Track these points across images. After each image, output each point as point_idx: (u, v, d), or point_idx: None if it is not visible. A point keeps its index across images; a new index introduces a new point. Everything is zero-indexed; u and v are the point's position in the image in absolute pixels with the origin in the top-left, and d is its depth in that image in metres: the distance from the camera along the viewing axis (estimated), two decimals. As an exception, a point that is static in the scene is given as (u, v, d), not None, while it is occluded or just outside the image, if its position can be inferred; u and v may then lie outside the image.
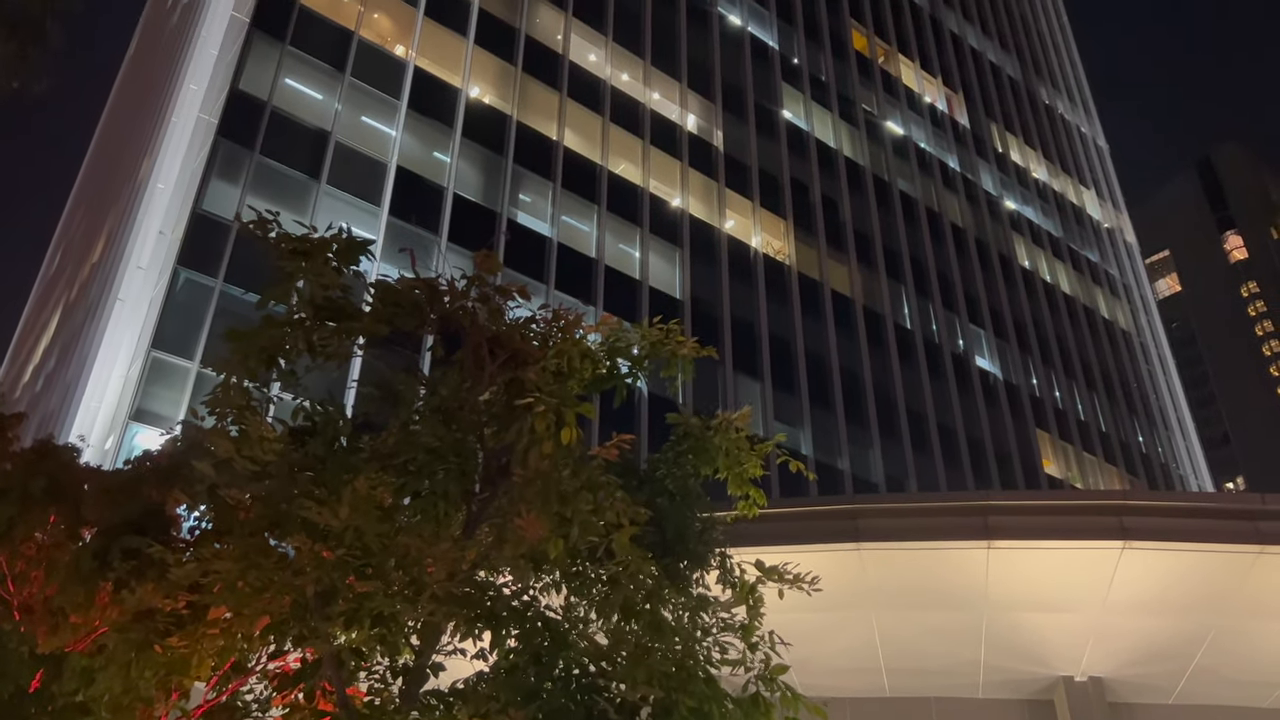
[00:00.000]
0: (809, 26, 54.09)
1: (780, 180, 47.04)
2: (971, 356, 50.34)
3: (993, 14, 70.87)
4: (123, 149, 46.52)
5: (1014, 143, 64.68)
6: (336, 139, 32.99)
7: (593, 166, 40.15)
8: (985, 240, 56.33)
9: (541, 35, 41.19)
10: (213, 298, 27.75)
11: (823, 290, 45.43)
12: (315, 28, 34.38)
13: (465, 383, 8.14)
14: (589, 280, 37.34)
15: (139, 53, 60.17)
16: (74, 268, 45.06)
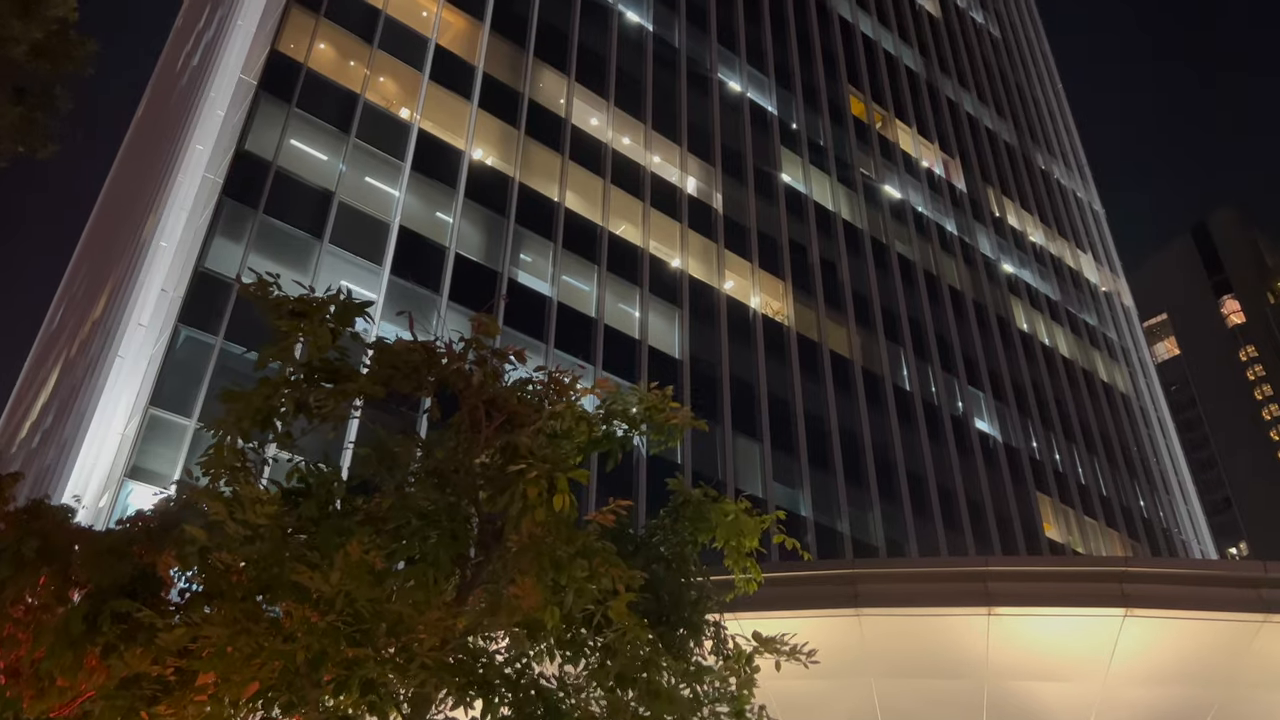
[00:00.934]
0: (807, 93, 55.00)
1: (779, 242, 47.45)
2: (971, 419, 50.28)
3: (988, 81, 72.11)
4: (128, 207, 47.00)
5: (1011, 207, 65.36)
6: (340, 199, 33.33)
7: (593, 227, 40.52)
8: (983, 303, 56.63)
9: (544, 99, 41.86)
10: (212, 355, 27.80)
11: (821, 351, 45.55)
12: (322, 90, 34.95)
13: (461, 445, 8.14)
14: (588, 339, 37.45)
15: (147, 113, 61.11)
16: (75, 324, 45.21)
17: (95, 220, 63.66)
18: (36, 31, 9.30)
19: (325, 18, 36.15)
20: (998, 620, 15.17)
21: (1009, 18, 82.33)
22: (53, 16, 9.59)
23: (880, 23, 64.93)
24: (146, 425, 26.22)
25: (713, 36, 51.47)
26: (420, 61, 38.19)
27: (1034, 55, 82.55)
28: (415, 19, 39.08)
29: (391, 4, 38.40)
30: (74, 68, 10.00)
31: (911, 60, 65.50)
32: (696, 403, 38.81)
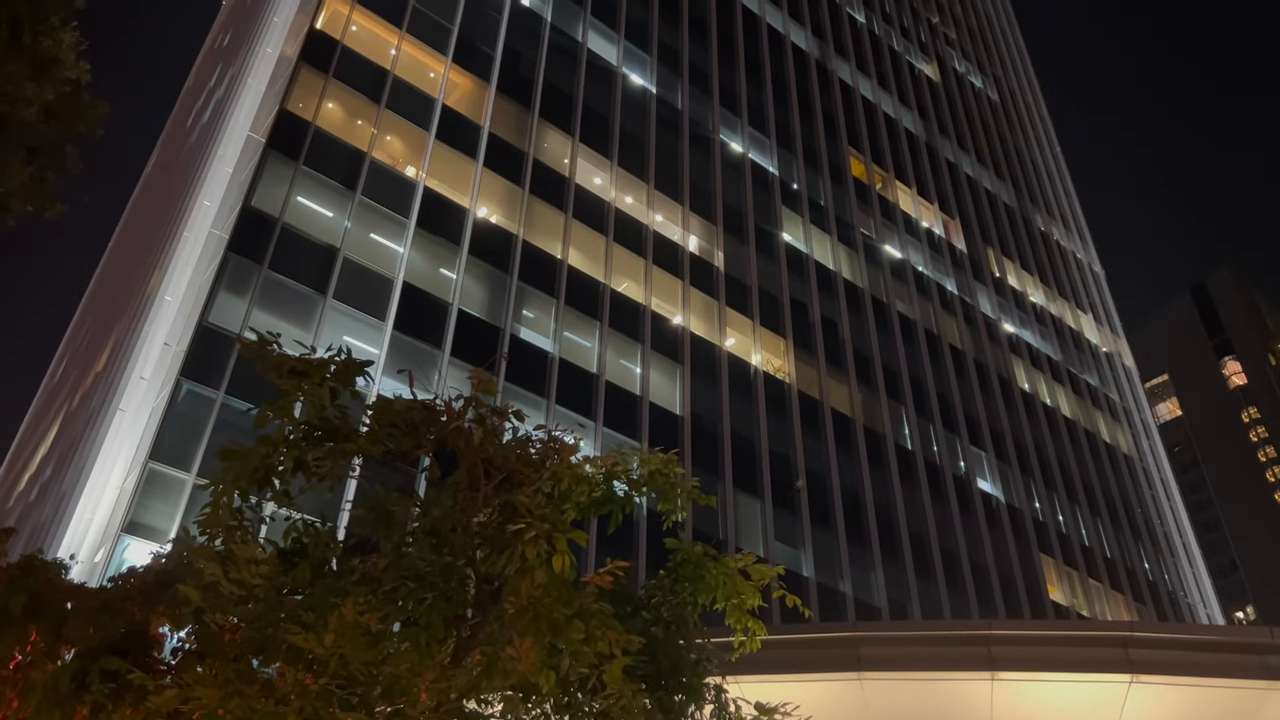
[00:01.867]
0: (808, 154, 55.69)
1: (780, 300, 47.67)
2: (973, 479, 50.04)
3: (987, 144, 73.04)
4: (134, 262, 47.36)
5: (1011, 267, 65.76)
6: (345, 255, 33.58)
7: (596, 284, 40.76)
8: (984, 362, 56.70)
9: (549, 159, 42.39)
10: (214, 409, 27.78)
11: (822, 409, 45.50)
12: (329, 148, 35.41)
13: (459, 504, 8.10)
14: (589, 396, 37.45)
15: (156, 170, 61.87)
16: (77, 377, 45.28)
17: (101, 274, 64.10)
18: (49, 93, 9.49)
19: (334, 78, 36.75)
20: (1001, 685, 14.93)
21: (1007, 83, 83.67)
22: (65, 78, 9.78)
23: (880, 86, 65.97)
24: (145, 479, 26.12)
25: (715, 98, 52.28)
26: (427, 121, 38.74)
27: (1032, 119, 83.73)
28: (423, 80, 39.75)
29: (399, 65, 39.07)
30: (85, 129, 10.17)
31: (911, 123, 66.41)
32: (697, 460, 38.75)
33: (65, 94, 9.81)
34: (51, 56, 9.41)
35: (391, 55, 39.08)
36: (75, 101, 9.98)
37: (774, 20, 60.64)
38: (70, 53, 9.80)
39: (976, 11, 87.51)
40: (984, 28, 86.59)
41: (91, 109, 10.14)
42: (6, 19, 9.12)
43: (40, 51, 9.36)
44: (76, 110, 9.96)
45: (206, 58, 69.58)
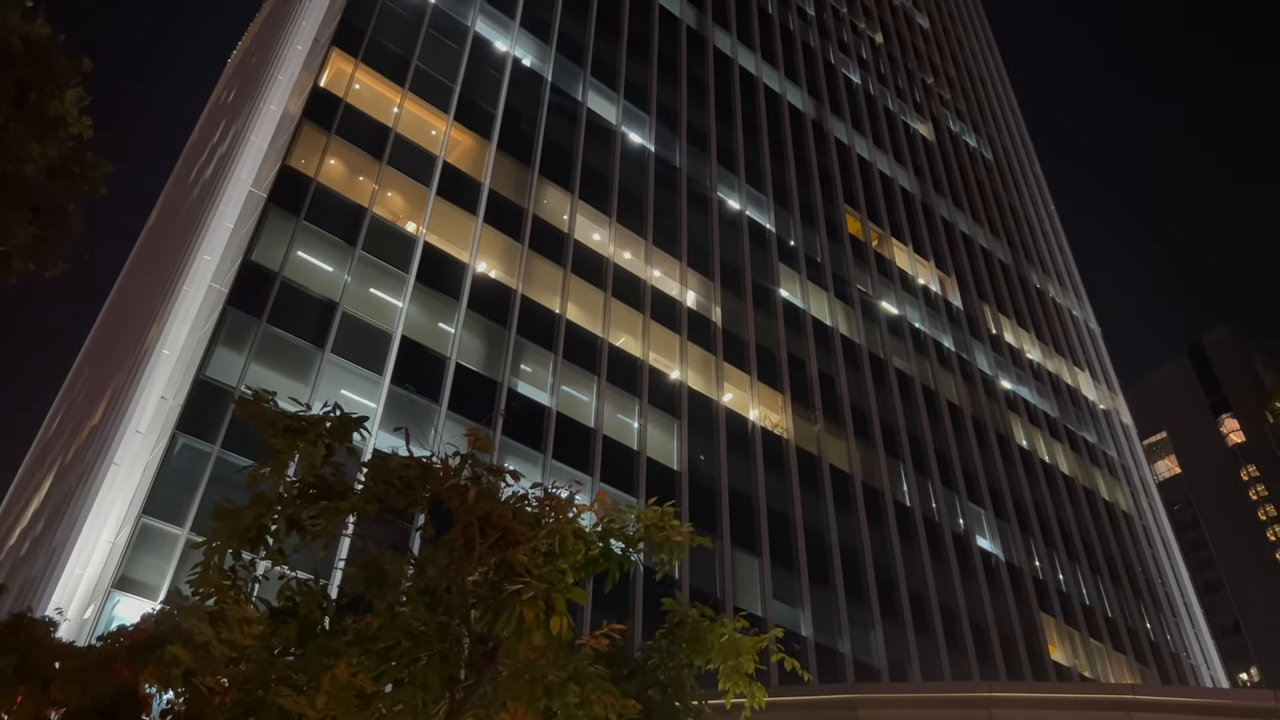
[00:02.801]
0: (804, 211, 56.23)
1: (777, 356, 47.77)
2: (972, 536, 49.70)
3: (981, 202, 73.81)
4: (133, 315, 47.47)
5: (1007, 324, 66.04)
6: (344, 309, 33.68)
7: (594, 339, 40.85)
8: (982, 419, 56.66)
9: (548, 215, 42.75)
10: (209, 463, 27.64)
11: (821, 465, 45.34)
12: (330, 204, 35.70)
13: (454, 563, 8.02)
14: (587, 450, 37.31)
15: (157, 225, 62.31)
16: (73, 430, 45.11)
17: (99, 328, 64.20)
18: (53, 152, 9.60)
19: (337, 135, 37.20)
20: (1004, 750, 14.66)
21: (1001, 142, 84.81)
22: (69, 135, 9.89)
23: (876, 145, 66.83)
24: (138, 534, 25.88)
25: (713, 157, 52.91)
26: (428, 177, 39.13)
27: (1026, 177, 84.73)
28: (424, 137, 40.23)
29: (402, 122, 39.58)
30: (88, 188, 10.27)
31: (907, 181, 67.16)
32: (695, 516, 38.51)
33: (69, 153, 9.92)
34: (57, 116, 9.54)
35: (394, 113, 39.61)
36: (79, 161, 10.09)
37: (771, 81, 61.63)
38: (74, 109, 9.95)
39: (970, 72, 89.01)
40: (977, 88, 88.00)
41: (95, 168, 10.27)
42: (14, 80, 9.27)
43: (46, 112, 9.50)
44: (81, 169, 10.07)
45: (211, 114, 70.52)
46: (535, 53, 47.57)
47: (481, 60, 44.66)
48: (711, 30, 59.93)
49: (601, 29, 51.84)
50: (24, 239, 9.66)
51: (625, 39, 52.84)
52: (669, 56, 55.17)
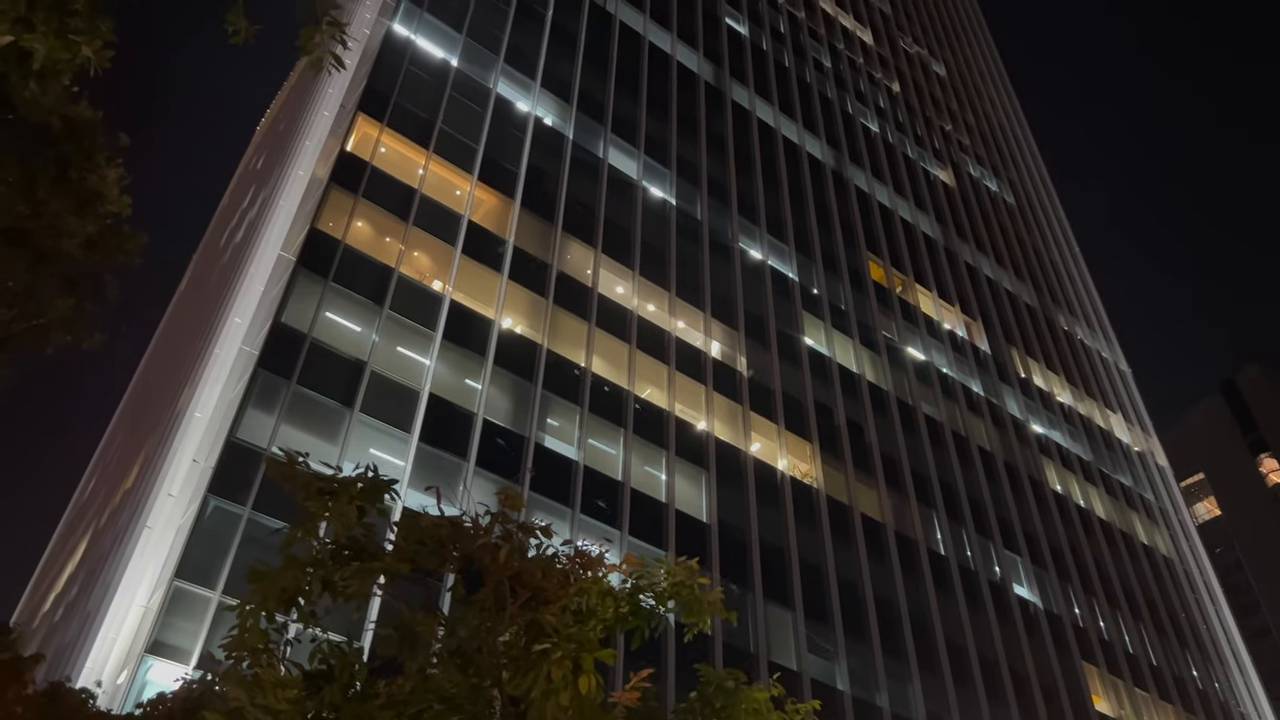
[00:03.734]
0: (827, 259, 56.37)
1: (804, 404, 47.57)
2: (1009, 584, 48.84)
3: (1005, 245, 73.72)
4: (165, 380, 48.12)
5: (1036, 368, 65.52)
6: (372, 368, 33.98)
7: (619, 391, 40.90)
8: (1015, 464, 55.98)
9: (572, 270, 43.13)
10: (240, 525, 27.79)
11: (852, 515, 44.87)
12: (357, 265, 36.22)
13: (485, 623, 8.01)
14: (615, 504, 37.18)
15: (189, 289, 63.40)
16: (106, 495, 45.55)
17: (132, 393, 65.08)
18: (91, 226, 9.89)
19: (363, 197, 37.85)
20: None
21: (1022, 185, 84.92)
22: (107, 211, 10.19)
23: (896, 192, 67.11)
24: (170, 598, 25.98)
25: (734, 208, 53.30)
26: (453, 236, 39.66)
27: (1049, 220, 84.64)
28: (449, 197, 40.86)
29: (427, 184, 40.24)
30: (124, 259, 10.54)
31: (929, 227, 67.26)
32: (726, 569, 38.14)
33: (106, 226, 10.22)
34: (95, 192, 9.84)
35: (419, 175, 40.29)
36: (116, 233, 10.37)
37: (789, 132, 62.23)
38: (115, 187, 10.25)
39: (988, 118, 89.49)
40: (996, 133, 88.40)
41: (131, 240, 10.55)
42: (54, 157, 9.59)
43: (85, 187, 9.80)
44: (117, 242, 10.35)
45: (241, 180, 72.07)
46: (556, 112, 48.37)
47: (504, 120, 45.46)
48: (729, 85, 60.74)
49: (621, 87, 52.70)
50: (62, 311, 9.91)
51: (645, 96, 53.65)
52: (688, 112, 55.91)
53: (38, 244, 9.65)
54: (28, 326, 9.89)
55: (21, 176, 9.15)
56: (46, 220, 9.46)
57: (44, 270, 9.87)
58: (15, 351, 10.11)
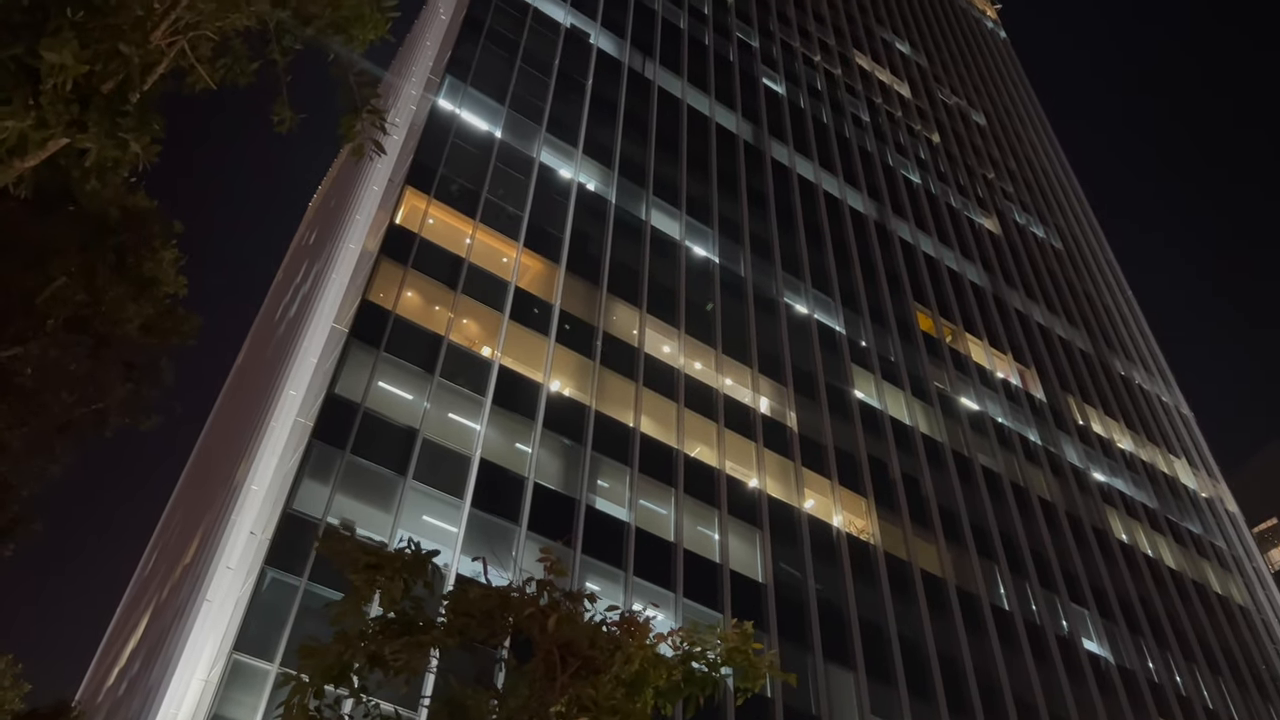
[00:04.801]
0: (874, 312, 56.09)
1: (858, 458, 46.99)
2: (1078, 639, 47.29)
3: (1055, 291, 72.80)
4: (223, 454, 49.01)
5: (1094, 415, 64.16)
6: (424, 436, 34.32)
7: (669, 450, 40.77)
8: (1077, 514, 54.57)
9: (618, 331, 43.40)
10: (297, 597, 27.99)
11: (912, 570, 43.94)
12: (408, 334, 36.83)
13: (535, 695, 7.96)
14: (668, 565, 36.83)
15: (245, 364, 64.82)
16: (166, 569, 46.23)
17: (190, 468, 66.32)
18: (148, 310, 10.27)
19: (413, 268, 38.62)
20: None
21: (1070, 230, 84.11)
22: (164, 294, 10.59)
23: (941, 242, 66.82)
24: (230, 671, 26.16)
25: (777, 264, 53.42)
26: (501, 303, 40.21)
27: (1099, 264, 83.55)
28: (496, 265, 41.52)
29: (474, 252, 40.97)
30: (179, 341, 10.92)
31: (976, 275, 66.74)
32: (784, 630, 37.46)
33: (162, 309, 10.61)
34: (152, 277, 10.25)
35: (466, 244, 41.05)
36: (171, 316, 10.75)
37: (830, 187, 62.48)
38: (171, 269, 10.66)
39: (1031, 164, 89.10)
40: (1040, 179, 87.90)
41: (186, 322, 10.92)
42: (113, 246, 10.02)
43: (142, 274, 10.21)
44: (172, 325, 10.72)
45: (294, 255, 73.96)
46: (598, 177, 49.15)
47: (547, 188, 46.27)
48: (768, 143, 61.31)
49: (661, 150, 53.47)
50: (120, 396, 10.25)
51: (685, 157, 54.35)
52: (728, 171, 56.47)
53: (98, 330, 10.04)
54: (88, 411, 10.25)
55: (82, 266, 9.59)
56: (106, 307, 9.85)
57: (104, 356, 10.24)
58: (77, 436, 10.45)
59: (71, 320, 9.88)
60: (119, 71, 7.13)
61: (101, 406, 10.19)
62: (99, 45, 7.08)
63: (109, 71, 7.11)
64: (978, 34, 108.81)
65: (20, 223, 9.44)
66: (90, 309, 9.73)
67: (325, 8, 8.04)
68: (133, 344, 10.61)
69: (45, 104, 7.05)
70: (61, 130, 7.12)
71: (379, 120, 8.44)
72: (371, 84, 8.62)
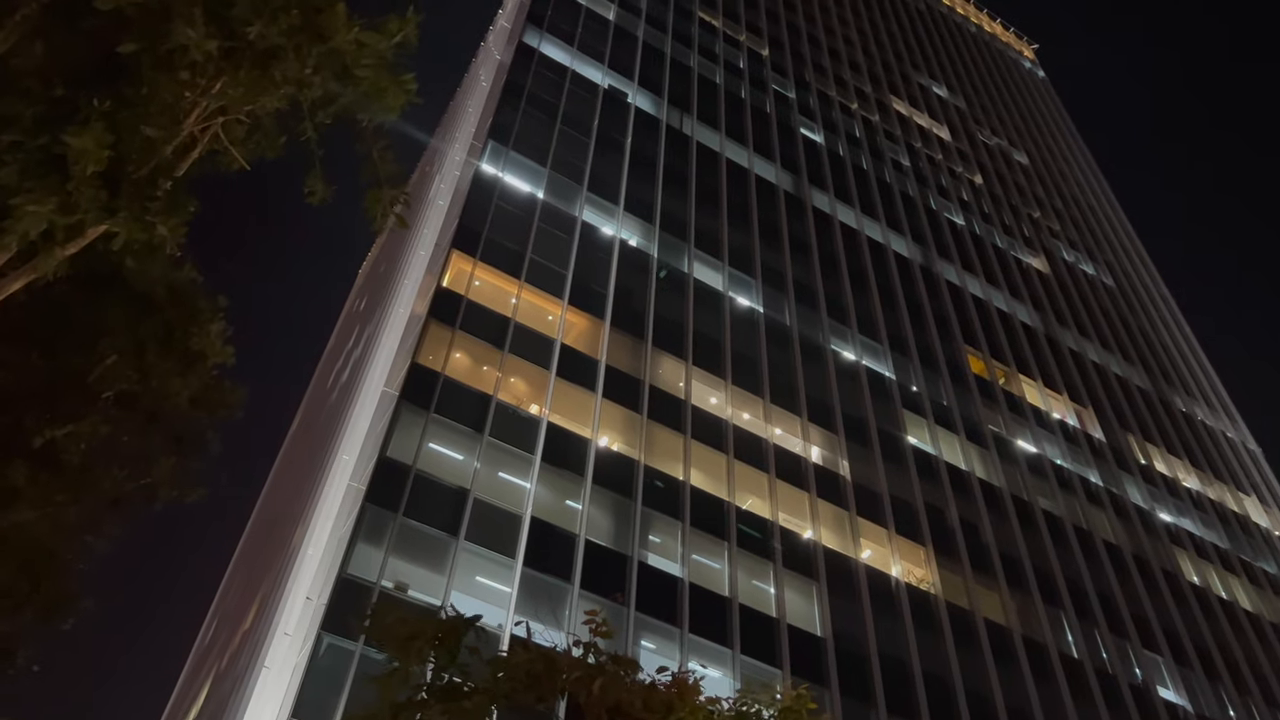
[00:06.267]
0: (924, 356, 55.50)
1: (914, 506, 46.17)
2: (1153, 687, 45.56)
3: (1109, 328, 71.52)
4: (279, 519, 49.61)
5: (1156, 453, 62.50)
6: (475, 496, 34.42)
7: (720, 503, 40.42)
8: (1144, 557, 52.92)
9: (664, 384, 43.39)
10: (353, 662, 28.02)
11: (975, 620, 42.82)
12: (457, 395, 37.17)
13: (585, 761, 7.86)
14: (723, 621, 36.29)
15: (299, 431, 65.81)
16: (226, 637, 46.63)
17: (248, 535, 67.16)
18: (195, 384, 10.55)
19: (460, 329, 39.11)
20: None
21: (1120, 266, 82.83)
22: (211, 365, 10.89)
23: (989, 283, 66.16)
24: (287, 738, 26.17)
25: (822, 312, 53.21)
26: (547, 360, 40.48)
27: (1153, 299, 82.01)
28: (541, 323, 41.90)
29: (520, 312, 41.40)
30: (226, 414, 11.18)
31: (1026, 315, 65.87)
32: (844, 685, 36.60)
33: (210, 382, 10.89)
34: (198, 352, 10.56)
35: (512, 304, 41.52)
36: (218, 389, 11.02)
37: (873, 232, 62.34)
38: (218, 340, 10.95)
39: (1077, 202, 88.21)
40: (1087, 216, 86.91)
41: (232, 394, 11.19)
42: (160, 323, 10.35)
43: (189, 348, 10.52)
44: (220, 396, 10.99)
45: (345, 322, 75.36)
46: (640, 232, 49.58)
47: (590, 245, 46.76)
48: (809, 192, 61.48)
49: (701, 203, 53.87)
50: (167, 470, 10.50)
51: (725, 209, 54.67)
52: (769, 221, 56.65)
53: (147, 406, 10.32)
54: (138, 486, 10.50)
55: (131, 344, 9.89)
56: (155, 383, 10.14)
57: (153, 430, 10.50)
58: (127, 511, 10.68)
59: (121, 396, 10.19)
60: (150, 158, 7.41)
61: (150, 481, 10.42)
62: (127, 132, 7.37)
63: (140, 158, 7.38)
64: (1016, 74, 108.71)
65: (72, 304, 9.82)
66: (139, 385, 10.02)
67: (347, 86, 8.29)
68: (181, 417, 10.87)
69: (73, 190, 7.34)
70: (93, 216, 7.39)
71: (401, 195, 8.64)
72: (395, 158, 8.86)
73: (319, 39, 8.41)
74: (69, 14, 8.47)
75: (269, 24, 8.00)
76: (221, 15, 8.17)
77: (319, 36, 8.42)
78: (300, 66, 8.15)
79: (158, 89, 7.44)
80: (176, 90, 7.55)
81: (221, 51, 8.02)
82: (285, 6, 8.17)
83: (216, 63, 7.92)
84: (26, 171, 7.28)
